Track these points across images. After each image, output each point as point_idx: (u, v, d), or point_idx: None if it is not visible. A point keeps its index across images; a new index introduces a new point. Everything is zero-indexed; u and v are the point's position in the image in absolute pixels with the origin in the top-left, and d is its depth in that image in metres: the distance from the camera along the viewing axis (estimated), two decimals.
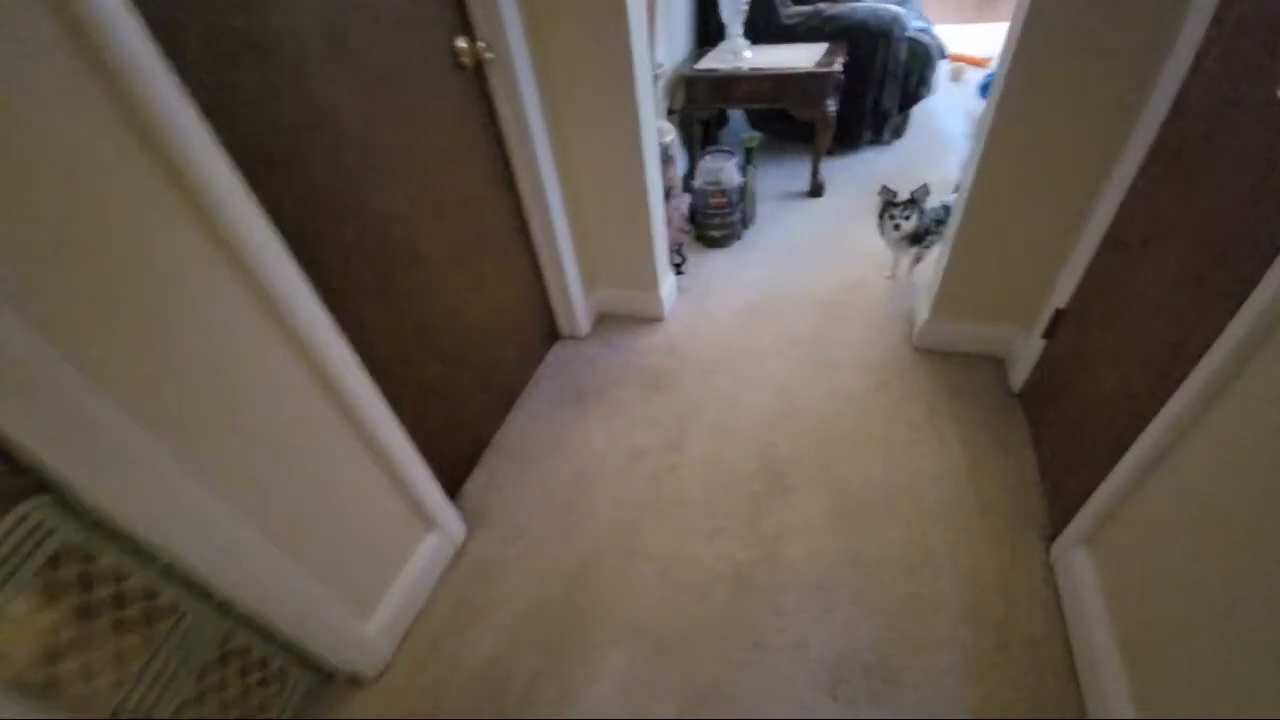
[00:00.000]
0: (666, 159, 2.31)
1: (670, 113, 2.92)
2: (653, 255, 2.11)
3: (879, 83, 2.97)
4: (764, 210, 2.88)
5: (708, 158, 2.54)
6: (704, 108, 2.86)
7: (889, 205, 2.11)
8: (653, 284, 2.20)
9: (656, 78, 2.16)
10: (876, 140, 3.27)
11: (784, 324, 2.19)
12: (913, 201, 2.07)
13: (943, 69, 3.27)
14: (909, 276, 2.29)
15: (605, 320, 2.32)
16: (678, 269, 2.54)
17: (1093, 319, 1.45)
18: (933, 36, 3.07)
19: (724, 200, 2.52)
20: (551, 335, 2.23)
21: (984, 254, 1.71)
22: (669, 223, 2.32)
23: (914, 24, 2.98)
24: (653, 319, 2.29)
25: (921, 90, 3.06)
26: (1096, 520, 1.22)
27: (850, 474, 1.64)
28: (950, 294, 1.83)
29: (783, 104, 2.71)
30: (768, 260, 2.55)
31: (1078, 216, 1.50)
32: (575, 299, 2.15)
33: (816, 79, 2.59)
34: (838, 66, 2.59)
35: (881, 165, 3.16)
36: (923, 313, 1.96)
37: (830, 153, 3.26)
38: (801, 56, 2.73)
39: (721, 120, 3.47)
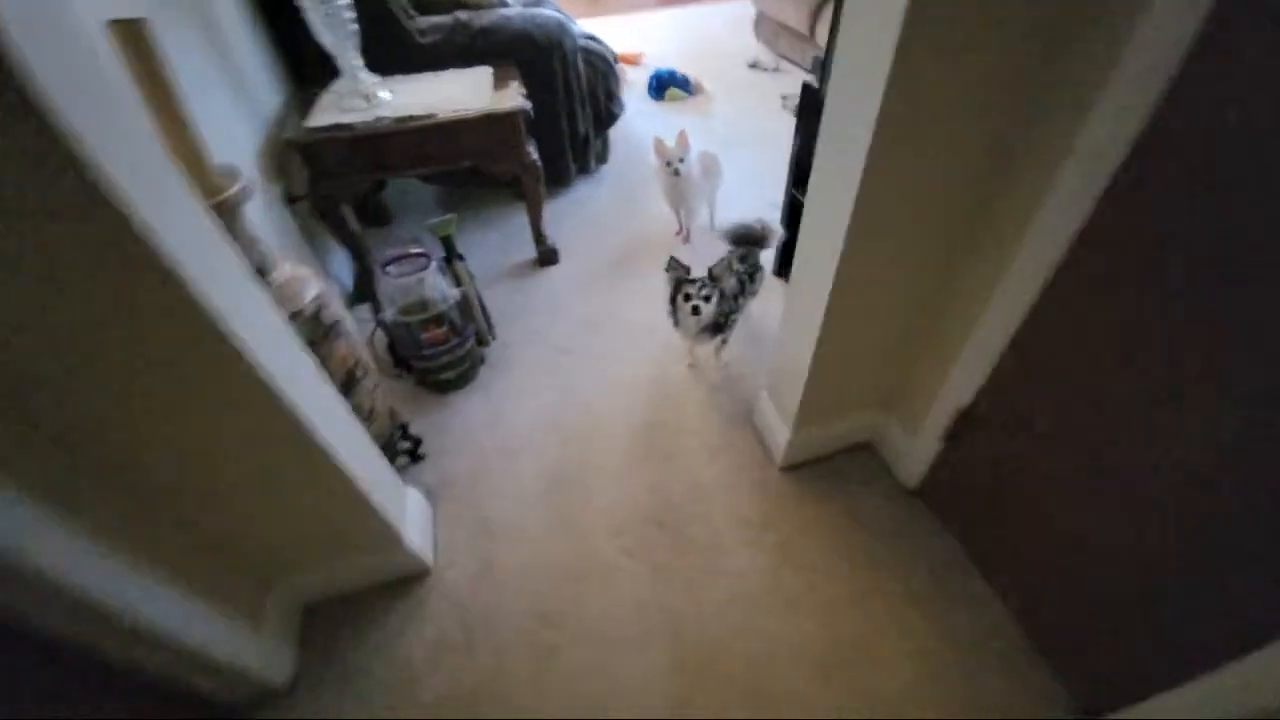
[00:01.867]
0: (329, 333, 1.30)
1: (292, 201, 1.83)
2: (372, 511, 1.15)
3: (568, 107, 2.38)
4: (493, 303, 2.08)
5: (390, 270, 1.60)
6: (347, 184, 1.85)
7: (681, 284, 1.55)
8: (386, 541, 1.24)
9: (234, 204, 1.07)
10: (584, 171, 2.72)
11: (605, 491, 1.49)
12: (712, 279, 1.55)
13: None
14: (717, 364, 1.82)
15: (331, 615, 1.27)
16: (414, 454, 1.58)
17: (1013, 420, 1.12)
18: (599, 41, 2.59)
19: (443, 331, 1.63)
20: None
21: (854, 349, 1.28)
22: (371, 413, 1.35)
23: (575, 29, 2.44)
24: (412, 575, 1.33)
25: (613, 107, 2.59)
26: None
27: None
28: (815, 402, 1.37)
29: (469, 161, 1.90)
30: (536, 385, 1.79)
31: (979, 295, 1.14)
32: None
33: (505, 123, 1.84)
34: (522, 100, 1.89)
35: (602, 202, 2.62)
36: (780, 429, 1.49)
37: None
38: (465, 89, 1.93)
39: (378, 187, 2.46)
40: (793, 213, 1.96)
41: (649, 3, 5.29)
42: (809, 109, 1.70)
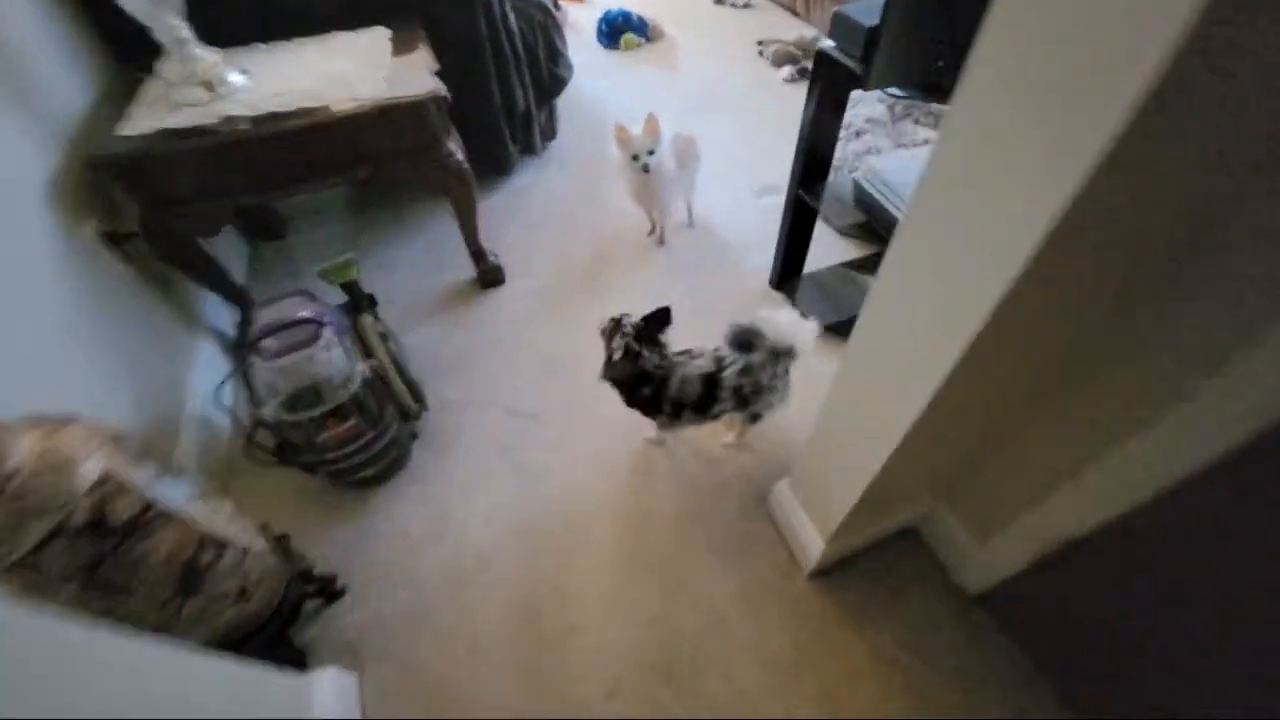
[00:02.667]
0: (134, 532, 0.83)
1: (116, 241, 1.30)
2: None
3: (500, 76, 1.85)
4: (424, 347, 1.63)
5: (267, 347, 1.13)
6: (196, 215, 1.33)
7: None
8: None
9: None
10: (529, 151, 2.20)
11: (592, 628, 1.13)
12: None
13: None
14: (740, 441, 1.42)
15: None
16: (328, 595, 1.19)
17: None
18: None
19: (349, 426, 1.20)
20: None
21: (927, 458, 0.94)
22: (243, 593, 0.94)
23: None
24: None
25: (558, 69, 2.05)
26: None
27: None
28: (860, 514, 1.03)
29: (366, 172, 1.39)
30: (486, 469, 1.38)
31: (1134, 415, 0.78)
32: None
33: (411, 114, 1.33)
34: (432, 79, 1.37)
35: (553, 192, 2.13)
36: (808, 533, 1.15)
37: None
38: (352, 64, 1.40)
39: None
40: (798, 217, 1.55)
41: None
42: (828, 88, 1.27)
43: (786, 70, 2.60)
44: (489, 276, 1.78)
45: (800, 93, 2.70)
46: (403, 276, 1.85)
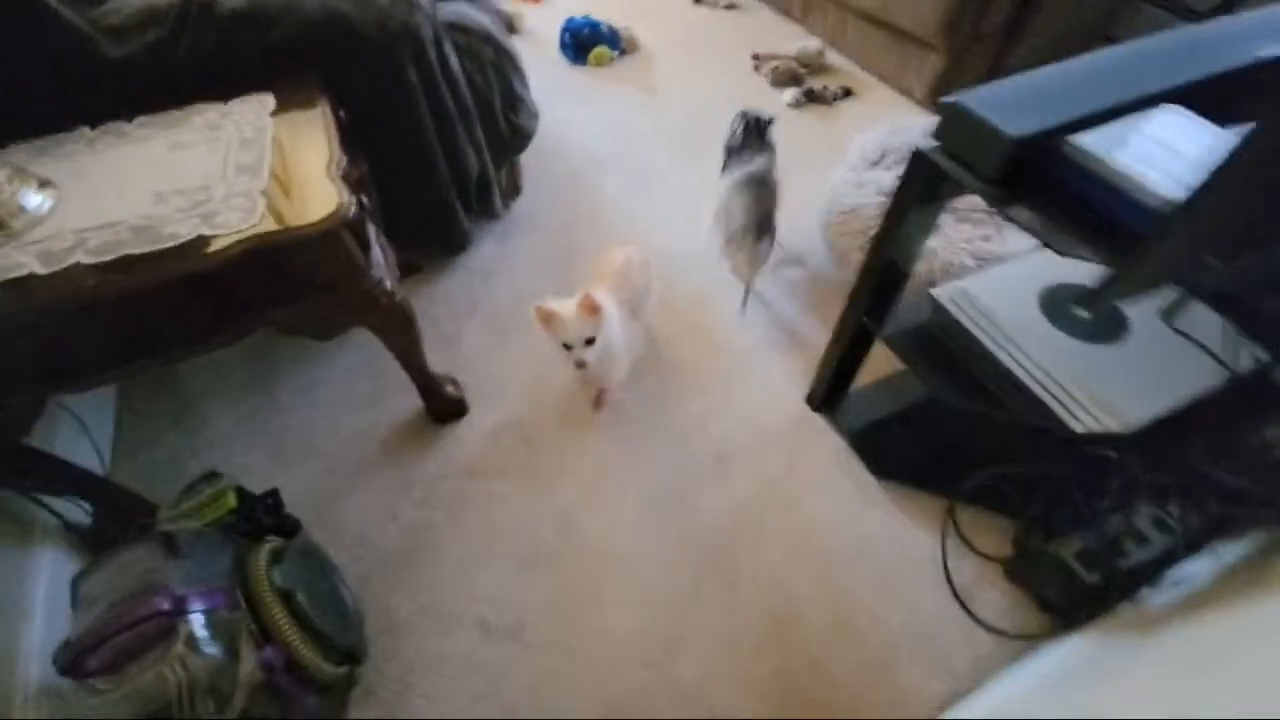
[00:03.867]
0: None
1: None
2: None
3: (444, 139, 1.39)
4: (358, 533, 1.21)
5: (96, 661, 0.71)
6: None
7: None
8: None
9: None
10: (488, 214, 1.75)
11: None
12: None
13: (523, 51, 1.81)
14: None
15: None
16: None
17: None
18: (478, 3, 1.54)
19: None
20: None
21: None
22: None
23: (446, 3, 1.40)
24: None
25: (519, 119, 1.59)
26: None
27: None
28: None
29: (255, 329, 0.95)
30: None
31: None
32: None
33: (315, 248, 0.89)
34: (341, 195, 0.92)
35: (524, 269, 1.68)
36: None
37: (409, 272, 1.65)
38: (215, 161, 0.95)
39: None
40: (855, 351, 1.18)
41: None
42: (925, 198, 0.88)
43: (790, 94, 2.19)
44: (445, 410, 1.36)
45: (812, 121, 2.33)
46: (328, 409, 1.41)
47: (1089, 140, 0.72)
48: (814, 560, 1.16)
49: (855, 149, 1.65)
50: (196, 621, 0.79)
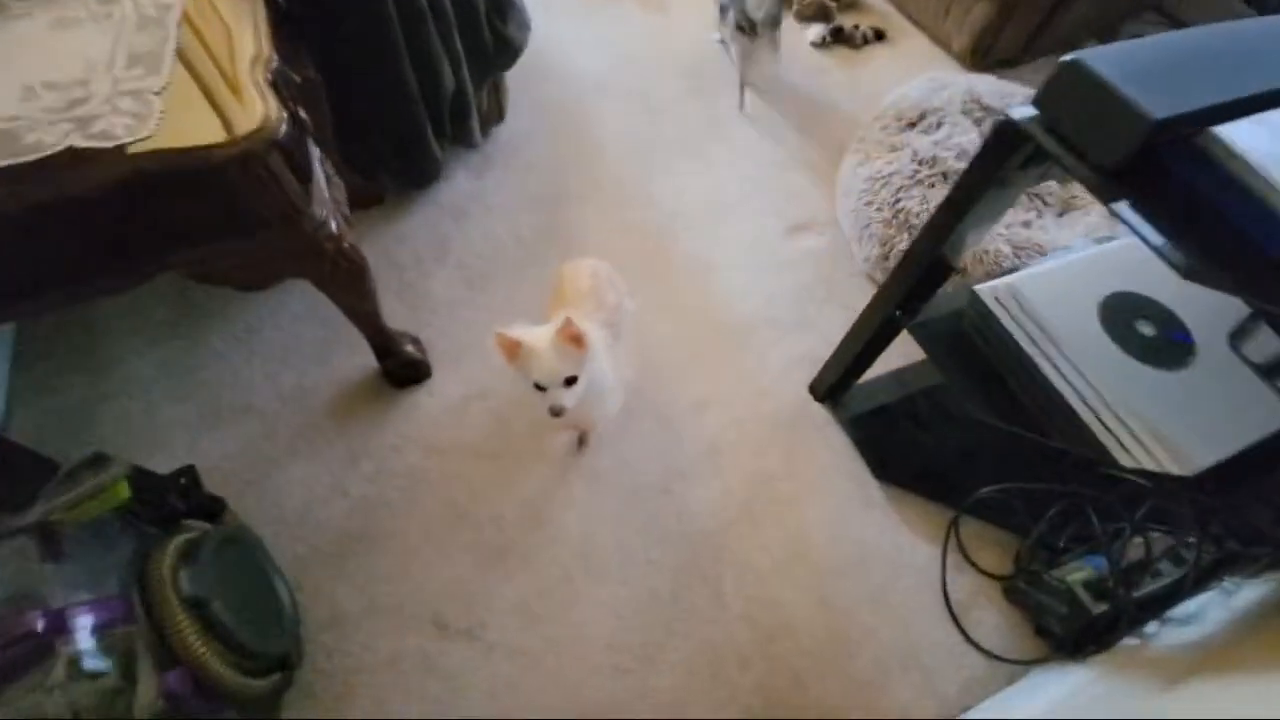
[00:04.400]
0: None
1: None
2: None
3: (416, 47, 1.14)
4: (297, 509, 1.06)
5: None
6: None
7: None
8: None
9: None
10: (463, 142, 1.50)
11: None
12: None
13: None
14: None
15: None
16: None
17: None
18: None
19: None
20: None
21: None
22: None
23: None
24: None
25: (509, 30, 1.33)
26: None
27: None
28: None
29: (180, 267, 0.75)
30: None
31: None
32: None
33: (234, 174, 0.69)
34: (271, 109, 0.70)
35: (504, 210, 1.45)
36: None
37: (367, 204, 1.43)
38: (109, 47, 0.72)
39: None
40: (876, 344, 1.03)
41: None
42: (1000, 178, 0.71)
43: (815, 31, 1.93)
44: (404, 373, 1.19)
45: (835, 66, 2.03)
46: (266, 361, 1.22)
47: (1235, 133, 0.57)
48: (806, 565, 1.07)
49: (889, 105, 1.46)
50: (81, 640, 0.64)
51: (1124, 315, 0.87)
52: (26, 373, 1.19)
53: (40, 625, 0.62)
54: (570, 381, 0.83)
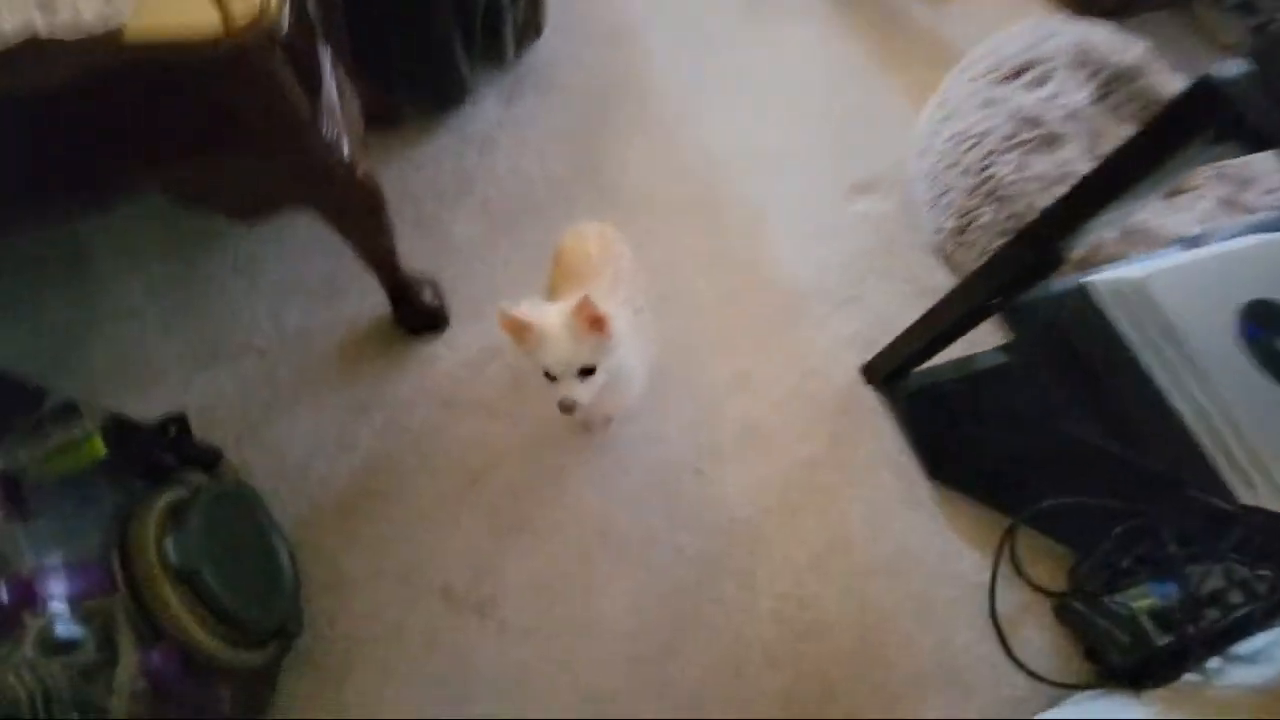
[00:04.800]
0: None
1: None
2: None
3: None
4: (301, 461, 0.97)
5: None
6: None
7: None
8: None
9: None
10: (494, 60, 1.32)
11: None
12: None
13: None
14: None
15: None
16: None
17: None
18: None
19: None
20: None
21: None
22: None
23: None
24: None
25: None
26: None
27: None
28: None
29: (168, 189, 0.63)
30: None
31: None
32: None
33: (227, 74, 0.55)
34: None
35: (537, 143, 1.29)
36: None
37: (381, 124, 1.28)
38: None
39: None
40: (955, 330, 0.90)
41: None
42: (1171, 151, 0.57)
43: None
44: (419, 321, 1.07)
45: (912, 6, 1.71)
46: (269, 295, 1.11)
47: None
48: (845, 563, 0.99)
49: (985, 53, 1.26)
50: (53, 611, 0.57)
51: (1266, 328, 0.74)
52: (4, 288, 1.09)
53: (3, 595, 0.54)
54: (586, 372, 0.71)
